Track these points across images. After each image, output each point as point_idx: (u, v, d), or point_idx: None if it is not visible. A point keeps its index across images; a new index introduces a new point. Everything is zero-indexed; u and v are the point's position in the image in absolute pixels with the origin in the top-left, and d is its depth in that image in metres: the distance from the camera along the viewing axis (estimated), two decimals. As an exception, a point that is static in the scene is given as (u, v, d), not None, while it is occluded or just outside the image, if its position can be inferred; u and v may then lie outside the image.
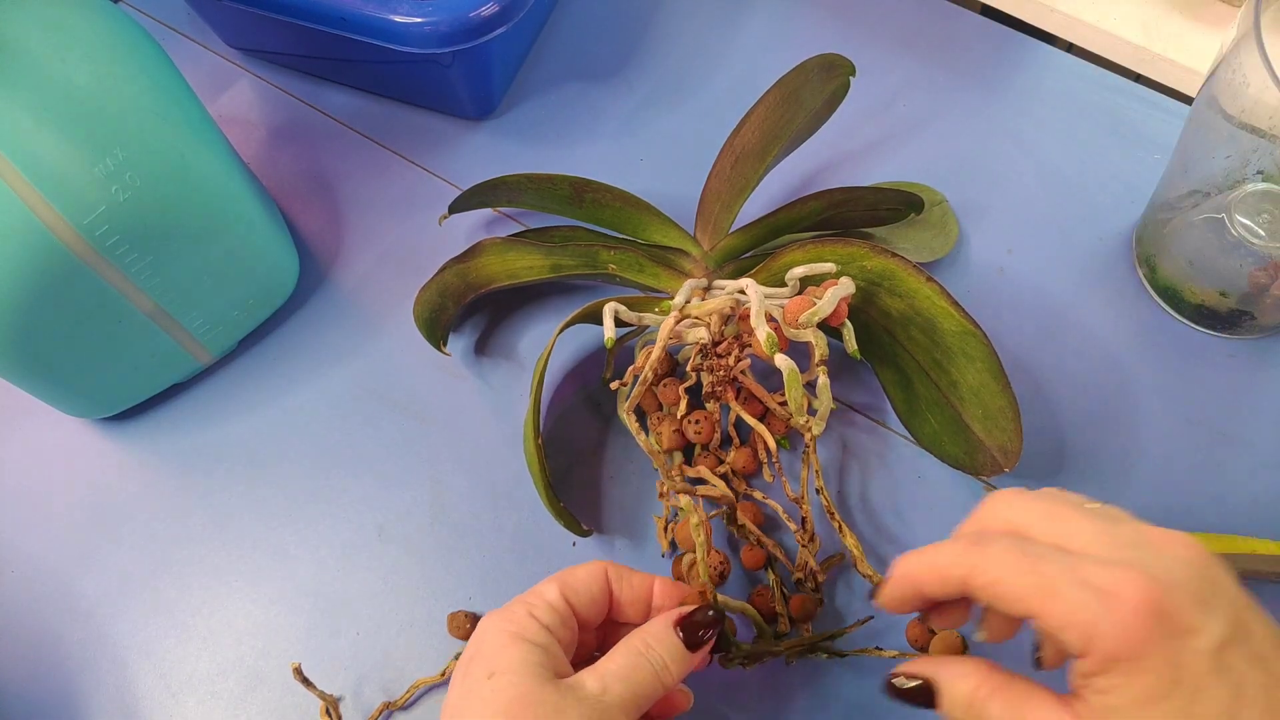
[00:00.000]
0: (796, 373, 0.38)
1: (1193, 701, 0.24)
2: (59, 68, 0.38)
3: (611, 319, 0.41)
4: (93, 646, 0.45)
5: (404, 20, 0.47)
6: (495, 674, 0.30)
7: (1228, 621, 0.25)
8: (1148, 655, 0.25)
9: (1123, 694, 0.25)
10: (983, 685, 0.28)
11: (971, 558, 0.28)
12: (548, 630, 0.32)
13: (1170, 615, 0.25)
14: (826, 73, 0.48)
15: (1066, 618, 0.25)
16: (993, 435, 0.42)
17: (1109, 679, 0.25)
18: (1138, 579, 0.25)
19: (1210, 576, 0.26)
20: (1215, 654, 0.25)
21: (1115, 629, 0.25)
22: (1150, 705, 0.25)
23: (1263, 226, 0.44)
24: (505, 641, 0.31)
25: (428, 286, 0.48)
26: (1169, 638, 0.25)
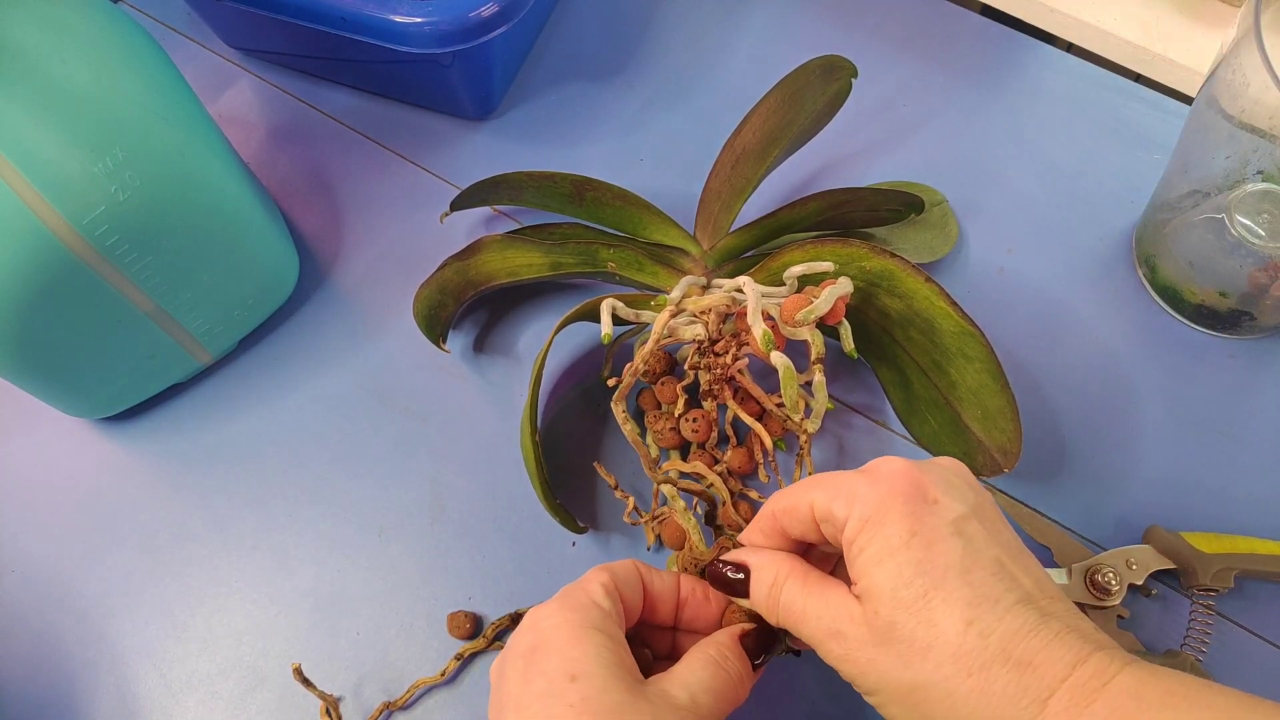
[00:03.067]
0: (792, 370, 0.38)
1: (929, 551, 0.28)
2: (59, 68, 0.38)
3: (609, 315, 0.41)
4: (93, 646, 0.45)
5: (404, 20, 0.47)
6: (578, 677, 0.29)
7: (969, 505, 0.29)
8: (893, 512, 0.29)
9: (873, 548, 0.28)
10: (782, 569, 0.32)
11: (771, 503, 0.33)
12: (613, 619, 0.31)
13: (920, 488, 0.29)
14: (828, 74, 0.48)
15: (835, 493, 0.30)
16: (992, 436, 0.42)
17: (863, 536, 0.29)
18: (897, 462, 0.30)
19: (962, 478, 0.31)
20: (954, 521, 0.29)
21: (869, 490, 0.29)
22: (894, 554, 0.28)
23: (1263, 226, 0.44)
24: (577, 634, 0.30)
25: (427, 283, 0.48)
26: (915, 502, 0.29)
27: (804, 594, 0.30)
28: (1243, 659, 0.42)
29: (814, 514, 0.31)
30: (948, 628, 0.27)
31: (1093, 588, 0.42)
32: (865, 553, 0.29)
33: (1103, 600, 0.42)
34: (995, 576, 0.28)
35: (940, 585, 0.27)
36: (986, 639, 0.27)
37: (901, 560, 0.28)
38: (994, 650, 0.26)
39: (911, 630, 0.27)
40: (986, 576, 0.28)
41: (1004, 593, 0.27)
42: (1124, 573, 0.42)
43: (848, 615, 0.29)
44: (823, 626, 0.29)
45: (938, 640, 0.27)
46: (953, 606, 0.27)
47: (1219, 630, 0.42)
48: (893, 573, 0.28)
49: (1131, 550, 0.43)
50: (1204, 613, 0.42)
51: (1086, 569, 0.42)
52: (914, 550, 0.28)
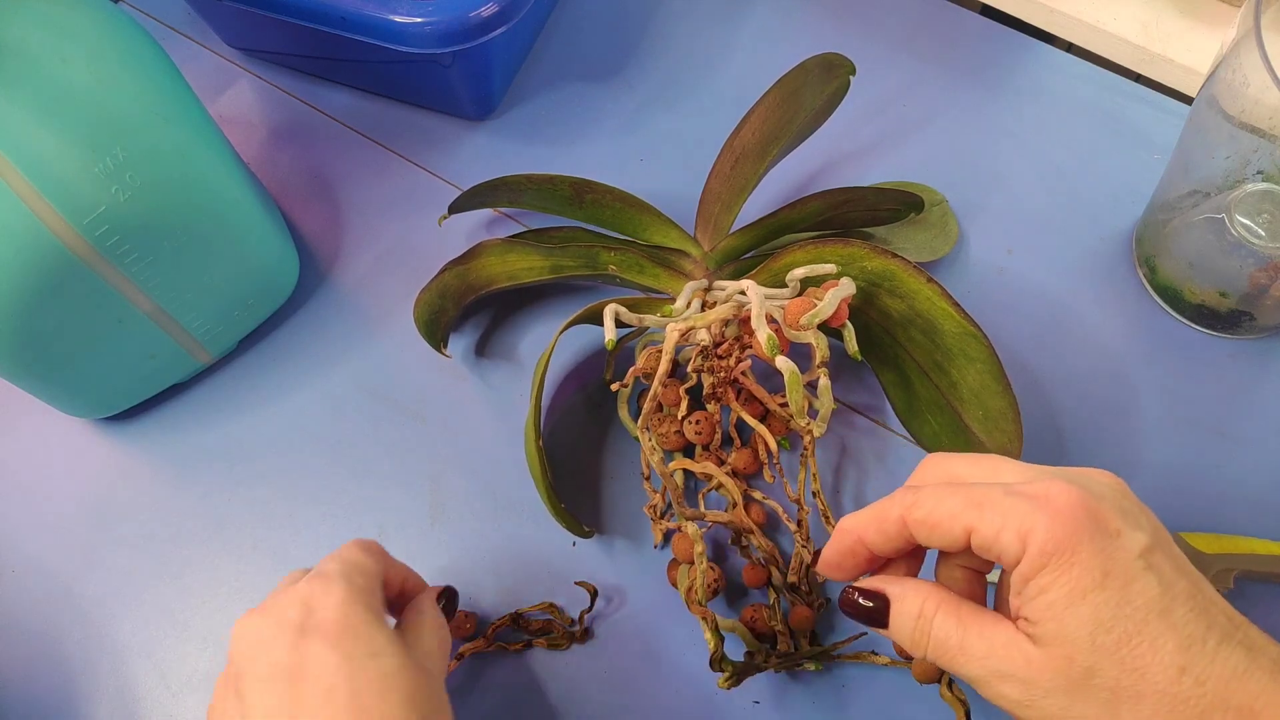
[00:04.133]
0: (797, 375, 0.38)
1: (1126, 591, 0.26)
2: (59, 68, 0.38)
3: (612, 321, 0.41)
4: (93, 646, 0.45)
5: (404, 20, 0.47)
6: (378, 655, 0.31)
7: (1150, 533, 0.27)
8: (1080, 548, 0.26)
9: (1059, 588, 0.26)
10: (930, 600, 0.29)
11: (906, 498, 0.29)
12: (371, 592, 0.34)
13: (1098, 518, 0.26)
14: (826, 72, 0.48)
15: (1001, 521, 0.27)
16: (993, 436, 0.42)
17: (1045, 576, 0.26)
18: (1068, 486, 0.27)
19: (1130, 500, 0.28)
20: (1142, 554, 0.26)
21: (1049, 524, 0.26)
22: (1086, 595, 0.26)
23: (1263, 226, 0.44)
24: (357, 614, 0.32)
25: (428, 288, 0.48)
26: (1100, 537, 0.26)
27: (960, 629, 0.28)
28: (1243, 659, 0.42)
29: (969, 540, 0.28)
30: (1159, 675, 0.25)
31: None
32: (1049, 593, 0.26)
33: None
34: (1194, 613, 0.26)
35: (1143, 629, 0.25)
36: (1203, 686, 0.25)
37: (1097, 602, 0.26)
38: (1211, 698, 0.25)
39: (1115, 678, 0.25)
40: (1187, 615, 0.26)
41: (1206, 631, 0.26)
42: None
43: (1024, 659, 0.27)
44: (989, 667, 0.27)
45: (1149, 689, 0.25)
46: (1160, 652, 0.25)
47: (1219, 630, 0.42)
48: (1088, 616, 0.26)
49: (1132, 550, 0.42)
50: (1204, 613, 0.42)
51: (1087, 569, 0.42)
52: (1110, 591, 0.26)
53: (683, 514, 0.39)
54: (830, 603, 0.43)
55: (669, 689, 0.42)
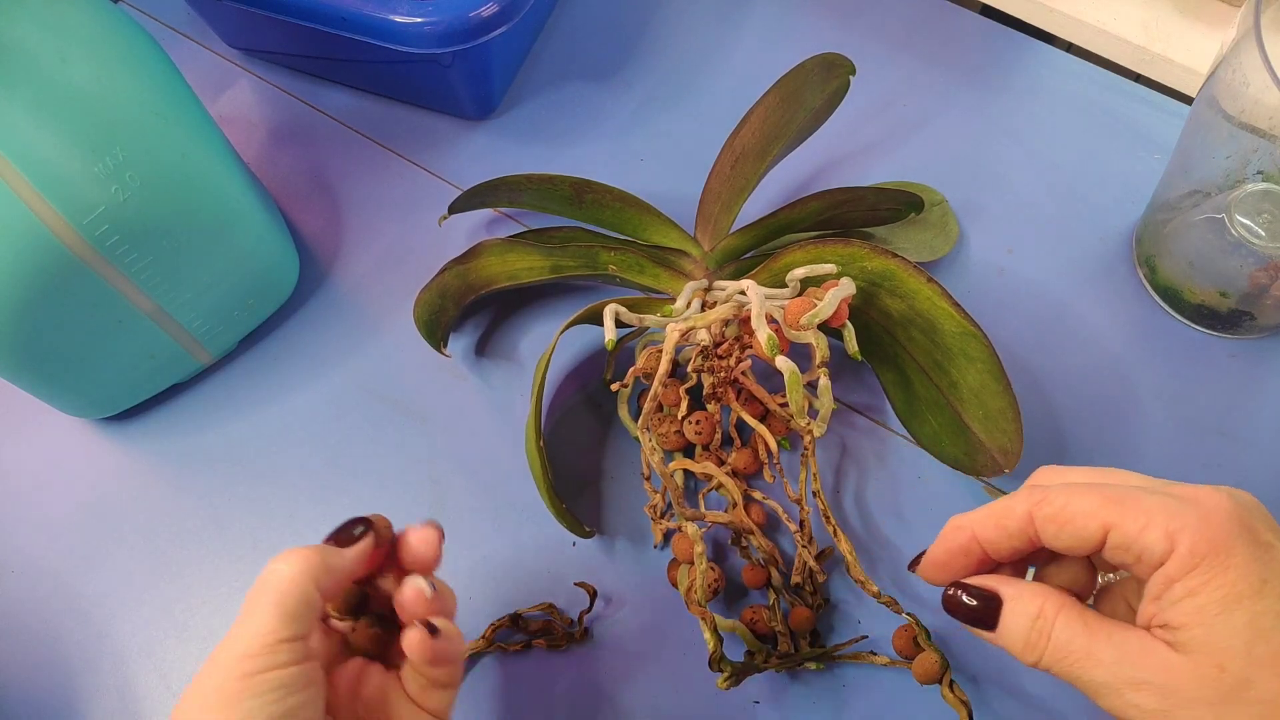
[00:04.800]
0: (798, 375, 0.38)
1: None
2: (59, 68, 0.38)
3: (612, 321, 0.41)
4: (93, 646, 0.45)
5: (404, 20, 0.47)
6: None
7: None
8: (1235, 552, 0.24)
9: (1212, 591, 0.24)
10: (1051, 602, 0.27)
11: (1034, 495, 0.28)
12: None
13: (1251, 526, 0.25)
14: (826, 72, 0.48)
15: (1146, 519, 0.25)
16: (993, 436, 0.42)
17: (1195, 578, 0.25)
18: (1216, 492, 0.26)
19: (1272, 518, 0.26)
20: None
21: (1200, 524, 0.25)
22: (1242, 601, 0.24)
23: (1263, 226, 0.44)
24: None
25: (428, 288, 0.48)
26: (1254, 544, 0.25)
27: (1087, 634, 0.26)
28: (1243, 659, 0.42)
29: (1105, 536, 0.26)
30: None
31: (1093, 588, 0.42)
32: (1199, 597, 0.25)
33: (1103, 600, 0.42)
34: None
35: None
36: None
37: (1257, 610, 0.24)
38: None
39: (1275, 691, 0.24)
40: None
41: None
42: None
43: (1163, 665, 0.25)
44: (1120, 674, 0.26)
45: None
46: None
47: (1219, 630, 0.42)
48: (1245, 624, 0.24)
49: (1132, 550, 0.42)
50: (1204, 613, 0.42)
51: (1087, 569, 0.42)
52: (1270, 600, 0.24)
53: (683, 514, 0.39)
54: (830, 603, 0.43)
55: (669, 689, 0.42)
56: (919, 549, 0.45)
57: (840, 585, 0.44)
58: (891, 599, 0.39)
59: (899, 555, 0.44)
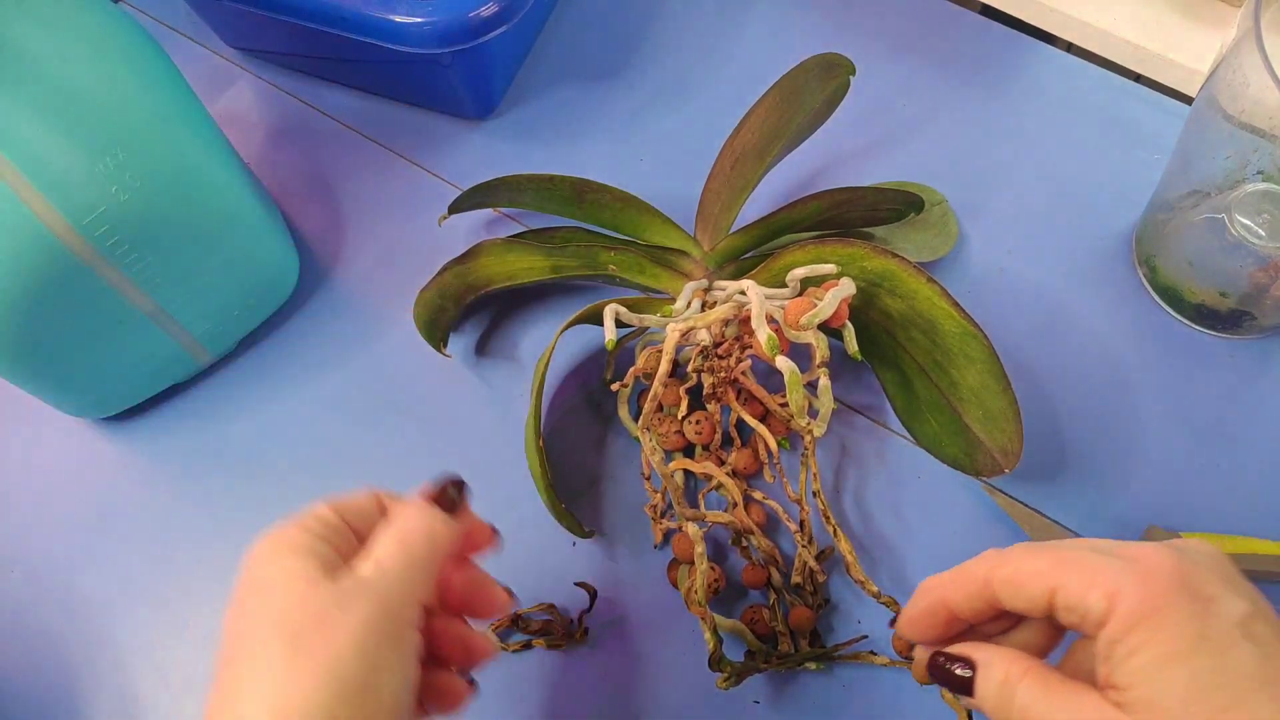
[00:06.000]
0: (798, 375, 0.38)
1: (1222, 659, 0.24)
2: (59, 68, 0.38)
3: (612, 321, 0.41)
4: (94, 646, 0.45)
5: (404, 20, 0.47)
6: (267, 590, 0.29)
7: (1249, 600, 0.26)
8: (1173, 611, 0.25)
9: (1150, 651, 0.25)
10: (1015, 666, 0.28)
11: (993, 557, 0.29)
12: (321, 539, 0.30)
13: (1193, 583, 0.25)
14: (826, 72, 0.48)
15: (1090, 579, 0.26)
16: (993, 436, 0.42)
17: (1135, 637, 0.25)
18: (1160, 549, 0.26)
19: (1228, 567, 0.27)
20: (1241, 622, 0.25)
21: (1140, 585, 0.25)
22: (1179, 660, 0.24)
23: (1263, 226, 0.44)
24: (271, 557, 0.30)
25: (427, 288, 0.48)
26: (1194, 600, 0.25)
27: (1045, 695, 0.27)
28: (1243, 659, 0.42)
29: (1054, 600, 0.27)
30: None
31: (1093, 588, 0.42)
32: (1139, 656, 0.25)
33: (1103, 600, 0.42)
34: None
35: (1243, 701, 0.24)
36: None
37: (1194, 668, 0.24)
38: None
39: None
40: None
41: None
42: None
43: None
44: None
45: None
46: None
47: (1219, 630, 0.42)
48: (1184, 681, 0.24)
49: (1132, 550, 0.43)
50: (1204, 613, 0.42)
51: (1087, 569, 0.42)
52: (1205, 657, 0.24)
53: (683, 514, 0.39)
54: (830, 603, 0.43)
55: (669, 689, 0.42)
56: (919, 549, 0.45)
57: (840, 585, 0.44)
58: (891, 599, 0.39)
59: (899, 555, 0.44)
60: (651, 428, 0.46)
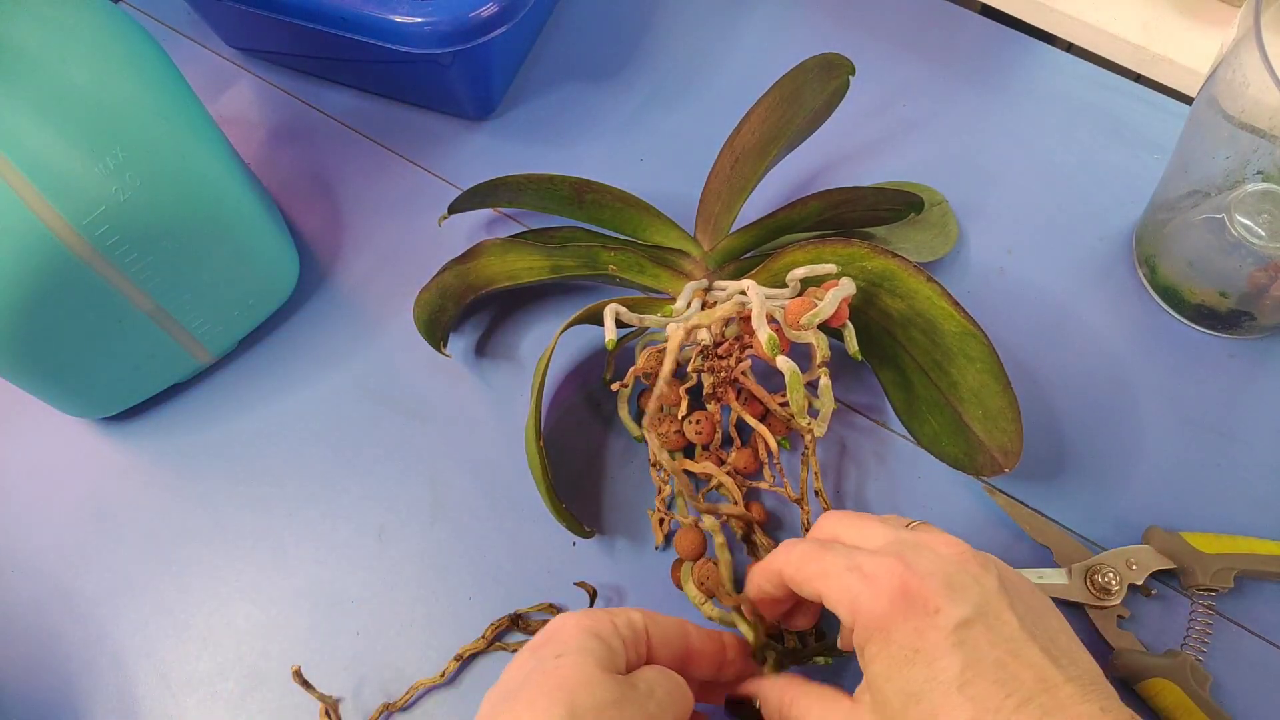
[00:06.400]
0: (798, 374, 0.38)
1: (932, 668, 0.28)
2: (59, 68, 0.38)
3: (612, 321, 0.41)
4: (93, 646, 0.45)
5: (404, 20, 0.47)
6: (562, 655, 0.31)
7: (973, 606, 0.29)
8: (895, 628, 0.29)
9: (880, 662, 0.29)
10: (787, 691, 0.33)
11: (783, 555, 0.34)
12: (620, 639, 0.33)
13: (918, 597, 0.29)
14: (826, 72, 0.48)
15: (838, 596, 0.31)
16: (993, 436, 0.42)
17: (871, 648, 0.30)
18: (895, 565, 0.30)
19: (968, 571, 0.31)
20: (955, 630, 0.29)
21: (871, 604, 0.30)
22: (900, 669, 0.29)
23: (1263, 226, 0.44)
24: (579, 633, 0.33)
25: (427, 288, 0.48)
26: (916, 615, 0.29)
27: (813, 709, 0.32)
28: (1243, 659, 0.42)
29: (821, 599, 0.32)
30: None
31: (1093, 588, 0.42)
32: (873, 666, 0.30)
33: (1103, 600, 0.42)
34: (996, 684, 0.28)
35: (945, 700, 0.28)
36: None
37: (908, 677, 0.29)
38: None
39: None
40: (986, 686, 0.28)
41: (1003, 700, 0.28)
42: (1124, 573, 0.42)
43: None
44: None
45: None
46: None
47: (1219, 630, 0.42)
48: (901, 689, 0.29)
49: (1131, 550, 0.43)
50: (1204, 613, 0.42)
51: (1086, 569, 0.42)
52: (918, 667, 0.29)
53: (698, 508, 0.39)
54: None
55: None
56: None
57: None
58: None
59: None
60: (653, 426, 0.46)
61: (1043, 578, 0.42)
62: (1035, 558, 0.44)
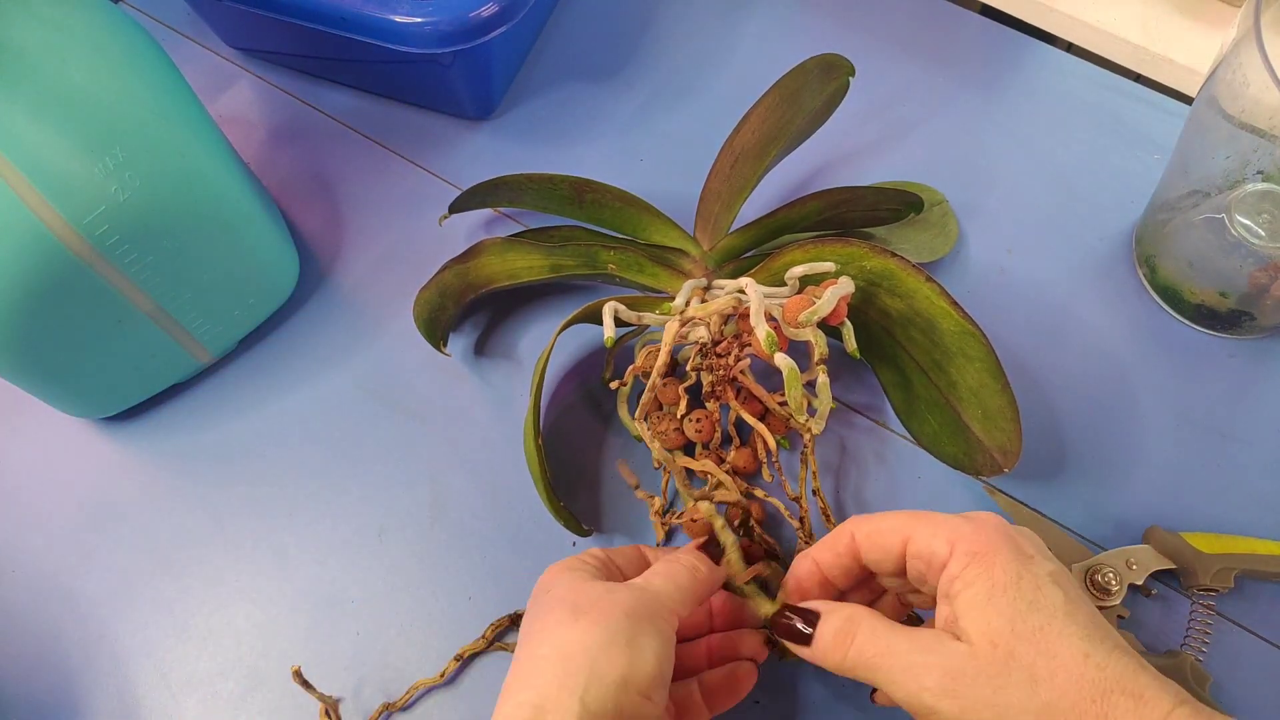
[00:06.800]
0: (796, 372, 0.38)
1: (1036, 593, 0.30)
2: (59, 68, 0.38)
3: (611, 318, 0.41)
4: (93, 646, 0.45)
5: (404, 20, 0.47)
6: (552, 588, 0.35)
7: (1056, 564, 0.32)
8: (1000, 554, 0.31)
9: (981, 583, 0.30)
10: (859, 611, 0.33)
11: (856, 519, 0.35)
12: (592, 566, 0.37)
13: (1016, 540, 0.32)
14: (825, 73, 0.48)
15: (934, 529, 0.32)
16: (992, 435, 0.42)
17: (969, 572, 0.31)
18: (993, 515, 0.33)
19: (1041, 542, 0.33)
20: (1050, 574, 0.31)
21: (975, 534, 0.31)
22: (1005, 590, 0.30)
23: (1263, 226, 0.44)
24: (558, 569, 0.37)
25: (427, 287, 0.48)
26: (1016, 551, 0.31)
27: (888, 634, 0.32)
28: (1243, 659, 0.42)
29: (906, 548, 0.33)
30: (1069, 658, 0.29)
31: (1093, 588, 0.42)
32: (973, 588, 0.30)
33: (1103, 600, 0.42)
34: (1095, 625, 0.30)
35: (1053, 621, 0.29)
36: (1104, 670, 0.29)
37: (1014, 596, 0.30)
38: (1111, 681, 0.28)
39: (1032, 660, 0.29)
40: (1088, 619, 0.30)
41: (1104, 636, 0.30)
42: (1124, 573, 0.42)
43: (948, 651, 0.30)
44: (914, 661, 0.31)
45: (1060, 669, 0.29)
46: (1069, 640, 0.29)
47: (1219, 630, 0.42)
48: (1006, 608, 0.30)
49: (1131, 550, 0.43)
50: (1204, 613, 0.42)
51: (1087, 569, 0.42)
52: (1024, 590, 0.30)
53: (691, 495, 0.39)
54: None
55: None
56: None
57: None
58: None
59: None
60: (651, 422, 0.46)
61: (1043, 578, 0.42)
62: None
